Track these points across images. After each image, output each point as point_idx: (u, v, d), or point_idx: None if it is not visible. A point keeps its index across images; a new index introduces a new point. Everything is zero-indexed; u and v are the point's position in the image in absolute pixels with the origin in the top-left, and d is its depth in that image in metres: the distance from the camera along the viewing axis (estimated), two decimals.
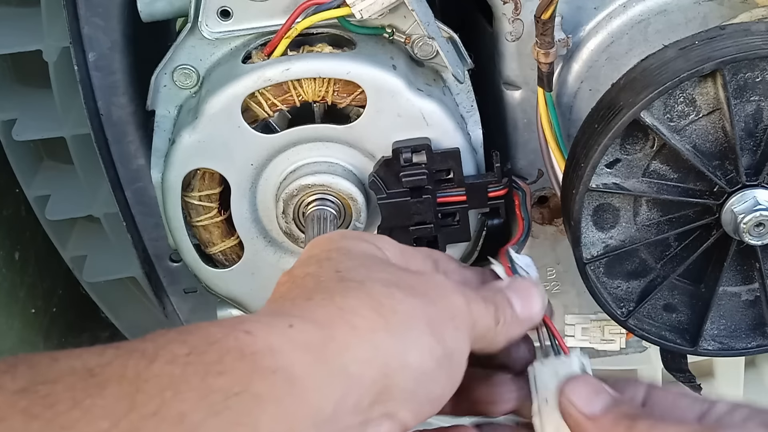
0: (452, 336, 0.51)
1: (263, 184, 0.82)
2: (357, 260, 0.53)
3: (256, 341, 0.44)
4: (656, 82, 0.67)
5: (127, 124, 0.89)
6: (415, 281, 0.53)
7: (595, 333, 0.89)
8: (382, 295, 0.50)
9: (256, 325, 0.45)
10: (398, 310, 0.49)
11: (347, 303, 0.49)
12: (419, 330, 0.49)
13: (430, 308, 0.51)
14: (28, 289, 1.11)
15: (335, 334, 0.46)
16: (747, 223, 0.69)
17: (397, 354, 0.48)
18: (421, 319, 0.50)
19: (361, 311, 0.48)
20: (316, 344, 0.45)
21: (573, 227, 0.73)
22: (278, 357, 0.44)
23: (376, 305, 0.49)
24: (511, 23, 0.80)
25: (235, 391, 0.42)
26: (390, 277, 0.52)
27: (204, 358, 0.42)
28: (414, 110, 0.78)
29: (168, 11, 0.82)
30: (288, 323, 0.46)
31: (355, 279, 0.51)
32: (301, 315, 0.47)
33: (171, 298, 1.02)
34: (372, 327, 0.48)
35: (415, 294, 0.51)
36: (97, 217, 1.02)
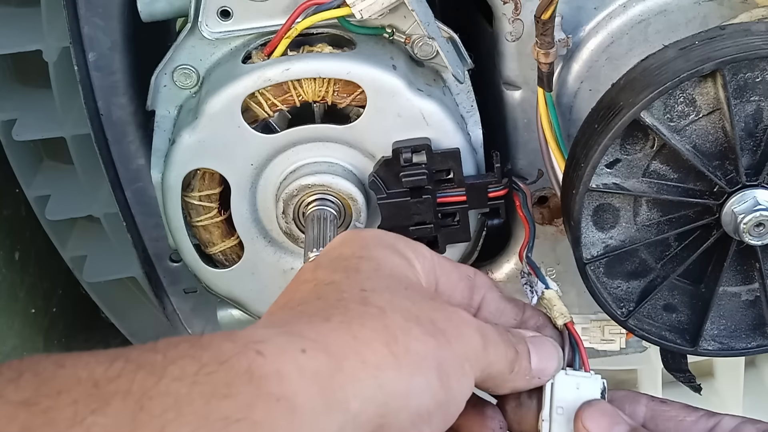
0: (458, 381, 0.51)
1: (263, 184, 0.82)
2: (384, 280, 0.53)
3: (266, 364, 0.44)
4: (656, 82, 0.67)
5: (127, 124, 0.89)
6: (437, 315, 0.52)
7: (595, 333, 0.89)
8: (399, 329, 0.50)
9: (269, 346, 0.45)
10: (411, 350, 0.49)
11: (363, 333, 0.49)
12: (427, 374, 0.49)
13: (444, 351, 0.51)
14: (28, 289, 1.11)
15: (344, 366, 0.47)
16: (747, 223, 0.69)
17: (400, 395, 0.48)
18: (431, 362, 0.50)
19: (375, 345, 0.48)
20: (324, 375, 0.46)
21: (573, 227, 0.73)
22: (285, 385, 0.44)
23: (391, 341, 0.49)
24: (511, 23, 0.80)
25: (237, 417, 0.42)
26: (412, 307, 0.52)
27: (212, 378, 0.42)
28: (414, 110, 0.78)
29: (168, 11, 0.82)
30: (301, 347, 0.46)
31: (377, 305, 0.51)
32: (316, 339, 0.47)
33: (171, 298, 1.02)
34: (381, 364, 0.48)
35: (433, 332, 0.51)
36: (97, 217, 1.02)
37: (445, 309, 0.54)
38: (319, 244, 0.76)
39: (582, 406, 0.57)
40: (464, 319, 0.54)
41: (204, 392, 0.42)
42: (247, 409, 0.42)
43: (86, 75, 0.85)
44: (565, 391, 0.58)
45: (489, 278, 0.63)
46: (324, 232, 0.78)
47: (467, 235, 0.83)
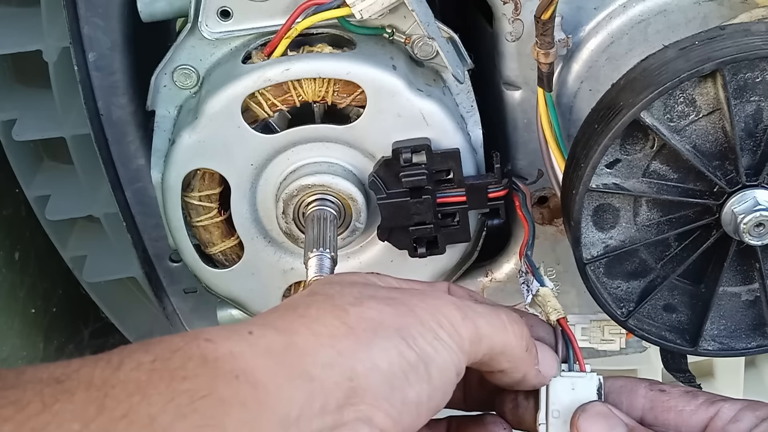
0: (430, 344, 0.50)
1: (263, 184, 0.82)
2: (339, 284, 0.54)
3: (217, 348, 0.45)
4: (656, 83, 0.67)
5: (127, 124, 0.89)
6: (399, 294, 0.53)
7: (595, 333, 0.89)
8: (349, 304, 0.50)
9: (216, 333, 0.46)
10: (365, 317, 0.49)
11: (309, 312, 0.49)
12: (387, 335, 0.49)
13: (405, 318, 0.51)
14: (28, 289, 1.11)
15: (296, 340, 0.47)
16: (747, 223, 0.69)
17: (363, 357, 0.48)
18: (390, 325, 0.50)
19: (324, 319, 0.49)
20: (277, 349, 0.46)
21: (573, 227, 0.73)
22: (239, 362, 0.45)
23: (341, 313, 0.49)
24: (511, 23, 0.80)
25: (201, 394, 0.42)
26: (367, 291, 0.52)
27: (168, 364, 0.43)
28: (414, 110, 0.78)
29: (168, 11, 0.82)
30: (247, 330, 0.47)
31: (325, 293, 0.51)
32: (262, 323, 0.48)
33: (171, 298, 1.02)
34: (334, 333, 0.48)
35: (392, 303, 0.51)
36: (97, 217, 1.01)
37: (414, 292, 0.54)
38: (319, 244, 0.76)
39: (577, 411, 0.57)
40: (436, 296, 0.54)
41: (163, 376, 0.42)
42: (209, 387, 0.43)
43: (86, 75, 0.85)
44: (560, 393, 0.58)
45: (463, 288, 0.63)
46: (324, 232, 0.78)
47: (467, 235, 0.83)
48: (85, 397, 0.41)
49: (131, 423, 0.40)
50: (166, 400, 0.41)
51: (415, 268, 0.87)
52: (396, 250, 0.83)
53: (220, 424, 0.42)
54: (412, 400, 0.49)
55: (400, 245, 0.83)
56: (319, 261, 0.74)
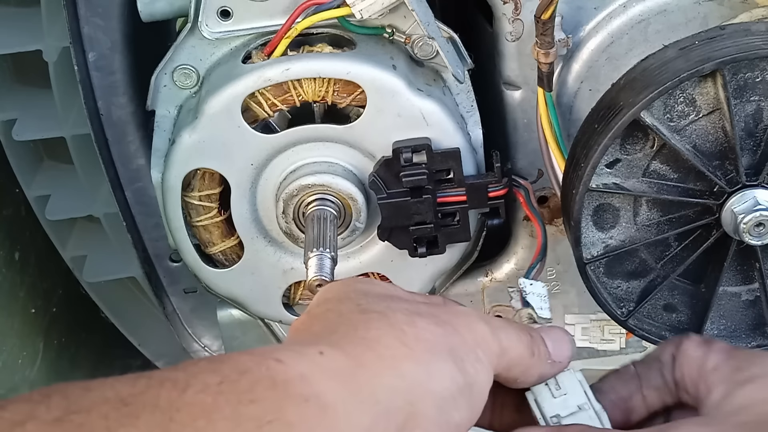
0: (473, 366, 0.51)
1: (263, 184, 0.82)
2: (376, 296, 0.54)
3: (287, 369, 0.44)
4: (656, 82, 0.67)
5: (127, 124, 0.89)
6: (438, 311, 0.53)
7: (595, 333, 0.89)
8: (404, 323, 0.50)
9: (286, 354, 0.46)
10: (421, 338, 0.50)
11: (371, 334, 0.49)
12: (442, 358, 0.50)
13: (453, 337, 0.51)
14: (28, 289, 1.11)
15: (363, 362, 0.47)
16: (747, 223, 0.69)
17: (422, 382, 0.48)
18: (444, 348, 0.50)
19: (386, 340, 0.49)
20: (347, 372, 0.46)
21: (573, 227, 0.73)
22: (310, 385, 0.44)
23: (400, 334, 0.49)
24: (511, 23, 0.80)
25: (268, 419, 0.42)
26: (410, 307, 0.52)
27: (236, 386, 0.43)
28: (414, 110, 0.78)
29: (168, 11, 0.82)
30: (318, 351, 0.46)
31: (376, 310, 0.51)
32: (329, 344, 0.48)
33: (171, 298, 1.02)
34: (397, 355, 0.48)
35: (438, 322, 0.51)
36: (97, 217, 1.01)
37: (443, 304, 0.55)
38: (319, 244, 0.76)
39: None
40: (465, 311, 0.55)
41: (230, 400, 0.42)
42: (277, 411, 0.42)
43: (86, 75, 0.85)
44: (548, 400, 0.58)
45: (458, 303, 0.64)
46: (324, 232, 0.78)
47: (467, 234, 0.83)
48: (151, 420, 0.40)
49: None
50: (232, 425, 0.41)
51: (416, 268, 0.87)
52: (396, 250, 0.83)
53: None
54: (456, 422, 0.50)
55: (400, 245, 0.83)
56: (319, 261, 0.74)
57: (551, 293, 0.93)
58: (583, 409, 0.58)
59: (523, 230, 0.92)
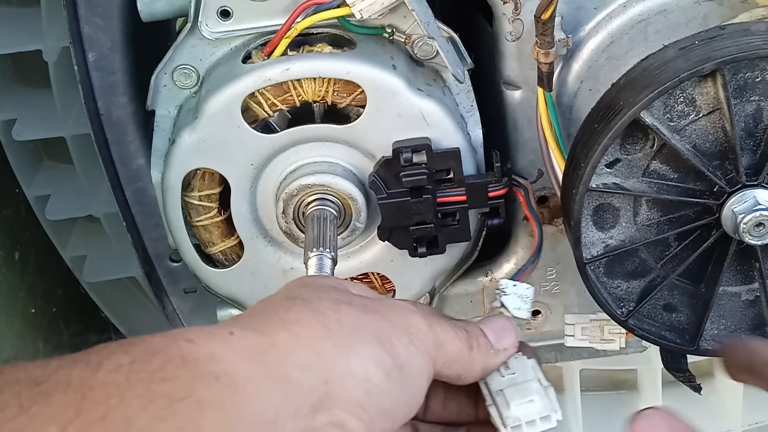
0: (406, 349, 0.51)
1: (263, 184, 0.82)
2: (313, 288, 0.54)
3: (198, 349, 0.45)
4: (656, 82, 0.67)
5: (127, 124, 0.89)
6: (371, 302, 0.53)
7: (595, 333, 0.89)
8: (327, 308, 0.50)
9: (197, 334, 0.46)
10: (343, 322, 0.50)
11: (289, 315, 0.49)
12: (365, 339, 0.49)
13: (381, 323, 0.51)
14: (28, 289, 1.11)
15: (276, 341, 0.47)
16: (747, 223, 0.69)
17: (340, 361, 0.48)
18: (368, 331, 0.50)
19: (304, 321, 0.49)
20: (258, 351, 0.46)
21: (573, 227, 0.73)
22: (220, 363, 0.45)
23: (320, 317, 0.49)
24: (511, 23, 0.80)
25: (179, 396, 0.42)
26: (341, 297, 0.52)
27: (147, 366, 0.43)
28: (414, 110, 0.78)
29: (168, 11, 0.82)
30: (228, 331, 0.47)
31: (303, 297, 0.52)
32: (243, 325, 0.48)
33: (171, 298, 1.02)
34: (314, 335, 0.48)
35: (367, 310, 0.51)
36: (97, 217, 1.02)
37: (382, 299, 0.55)
38: (319, 243, 0.76)
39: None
40: (401, 304, 0.55)
41: (142, 378, 0.42)
42: (189, 389, 0.43)
43: (86, 75, 0.85)
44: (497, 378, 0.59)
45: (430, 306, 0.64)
46: (324, 232, 0.78)
47: (467, 234, 0.83)
48: (63, 399, 0.41)
49: (108, 426, 0.40)
50: (144, 402, 0.41)
51: (416, 268, 0.87)
52: (396, 250, 0.83)
53: (198, 427, 0.42)
54: (387, 406, 0.49)
55: (400, 245, 0.83)
56: (319, 261, 0.74)
57: (551, 293, 0.94)
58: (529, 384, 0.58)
59: (523, 230, 0.92)
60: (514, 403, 0.57)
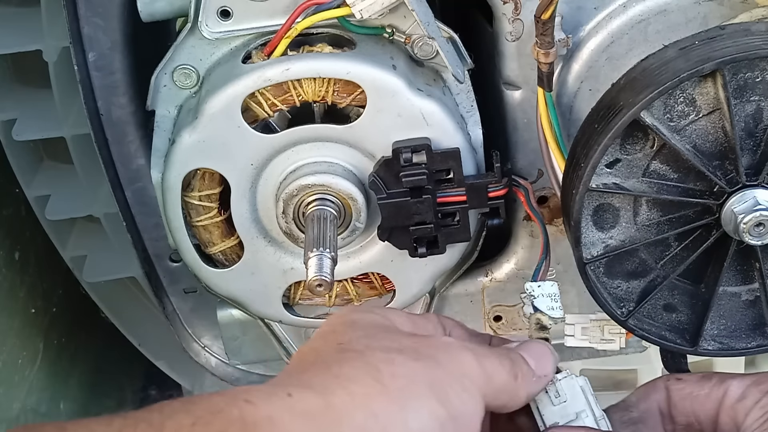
0: (459, 397, 0.51)
1: (263, 184, 0.82)
2: (361, 331, 0.54)
3: (257, 411, 0.45)
4: (656, 82, 0.67)
5: (127, 124, 0.89)
6: (421, 345, 0.53)
7: (595, 333, 0.89)
8: (380, 361, 0.50)
9: (256, 395, 0.46)
10: (398, 375, 0.49)
11: (343, 372, 0.49)
12: (420, 393, 0.49)
13: (434, 371, 0.51)
14: (28, 289, 1.11)
15: (333, 402, 0.47)
16: (747, 223, 0.69)
17: (396, 419, 0.47)
18: (422, 382, 0.50)
19: (358, 378, 0.48)
20: (315, 413, 0.46)
21: (573, 227, 0.73)
22: (278, 426, 0.45)
23: (374, 371, 0.49)
24: (511, 23, 0.80)
25: None
26: (392, 344, 0.52)
27: (209, 428, 0.43)
28: (414, 110, 0.78)
29: (168, 11, 0.82)
30: (287, 392, 0.47)
31: (355, 349, 0.51)
32: (300, 384, 0.48)
33: (171, 298, 1.02)
34: (369, 393, 0.48)
35: (419, 357, 0.51)
36: (97, 217, 1.02)
37: (428, 338, 0.55)
38: (319, 243, 0.76)
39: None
40: (448, 342, 0.55)
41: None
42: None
43: (86, 75, 0.85)
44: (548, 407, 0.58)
45: (451, 318, 0.64)
46: (324, 232, 0.78)
47: (467, 234, 0.83)
48: None
49: None
50: None
51: (416, 268, 0.87)
52: (396, 250, 0.83)
53: None
54: None
55: (400, 245, 0.83)
56: (319, 261, 0.74)
57: None
58: (581, 417, 0.58)
59: (523, 230, 0.92)
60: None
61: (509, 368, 0.56)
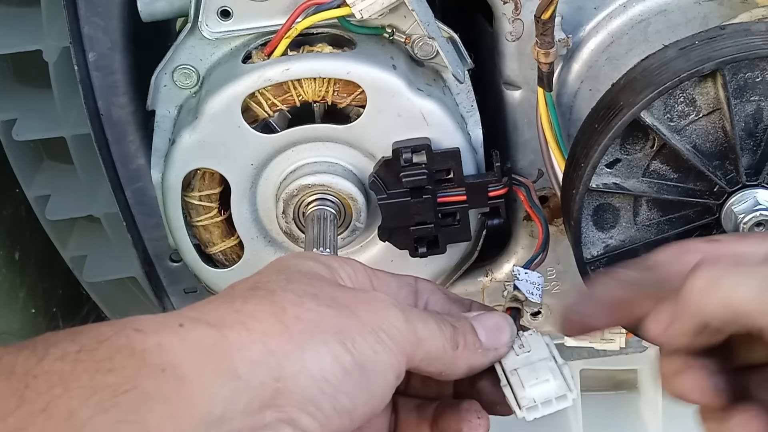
0: (370, 347, 0.49)
1: (263, 184, 0.82)
2: (285, 274, 0.52)
3: (146, 339, 0.44)
4: (656, 82, 0.67)
5: (127, 124, 0.89)
6: (344, 296, 0.51)
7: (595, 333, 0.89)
8: (288, 302, 0.49)
9: (147, 324, 0.45)
10: (302, 318, 0.48)
11: (246, 307, 0.48)
12: (323, 336, 0.48)
13: (346, 320, 0.49)
14: (28, 289, 1.11)
15: (227, 335, 0.46)
16: (747, 223, 0.69)
17: (293, 359, 0.47)
18: (328, 327, 0.48)
19: (259, 315, 0.47)
20: (207, 344, 0.45)
21: (573, 227, 0.73)
22: (167, 355, 0.44)
23: (278, 311, 0.48)
24: (511, 23, 0.80)
25: (125, 388, 0.42)
26: (310, 289, 0.51)
27: (94, 355, 0.42)
28: (414, 110, 0.78)
29: (168, 11, 0.82)
30: (178, 322, 0.46)
31: (267, 288, 0.50)
32: (195, 316, 0.47)
33: (171, 298, 1.02)
34: (267, 331, 0.47)
35: (334, 305, 0.50)
36: (97, 217, 1.01)
37: (358, 292, 0.53)
38: (319, 244, 0.76)
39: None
40: (378, 297, 0.53)
41: (87, 368, 0.42)
42: (134, 380, 0.42)
43: (86, 75, 0.85)
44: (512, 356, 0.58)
45: (432, 282, 0.62)
46: (324, 232, 0.78)
47: (467, 234, 0.83)
48: (6, 388, 0.40)
49: (50, 417, 0.40)
50: (88, 393, 0.41)
51: (416, 268, 0.87)
52: (396, 250, 0.83)
53: (141, 419, 0.41)
54: (344, 405, 0.48)
55: (400, 245, 0.83)
56: None
57: (551, 293, 0.94)
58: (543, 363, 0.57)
59: (523, 230, 0.92)
60: (529, 383, 0.56)
61: (449, 335, 0.54)
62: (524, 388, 0.56)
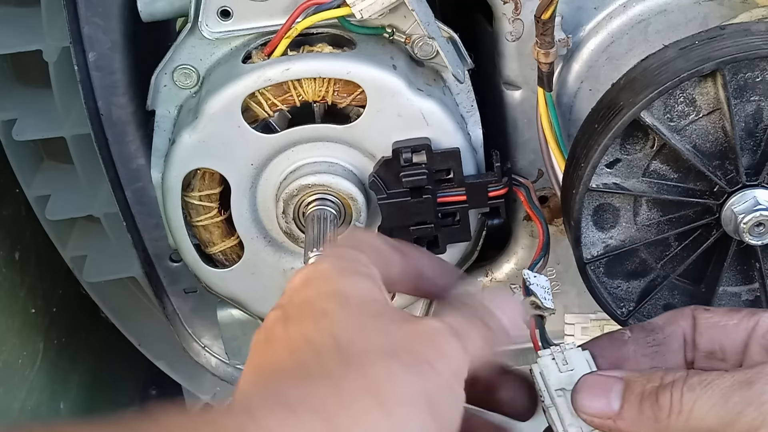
0: (450, 406, 0.50)
1: (263, 184, 0.82)
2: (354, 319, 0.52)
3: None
4: (656, 82, 0.67)
5: (127, 124, 0.89)
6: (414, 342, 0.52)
7: (595, 333, 0.89)
8: (381, 377, 0.49)
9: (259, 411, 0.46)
10: (397, 394, 0.49)
11: (347, 388, 0.48)
12: (418, 413, 0.49)
13: (430, 382, 0.50)
14: (28, 289, 1.11)
15: (338, 426, 0.46)
16: (747, 223, 0.69)
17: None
18: (419, 400, 0.49)
19: (361, 398, 0.48)
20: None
21: (573, 227, 0.73)
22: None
23: (375, 390, 0.49)
24: (511, 23, 0.80)
25: None
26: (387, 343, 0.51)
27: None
28: (414, 110, 0.78)
29: (168, 11, 0.82)
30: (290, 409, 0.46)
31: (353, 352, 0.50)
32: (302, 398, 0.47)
33: (171, 298, 1.02)
34: (372, 419, 0.48)
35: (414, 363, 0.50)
36: (97, 217, 1.01)
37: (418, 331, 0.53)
38: (319, 243, 0.76)
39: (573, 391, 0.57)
40: (437, 330, 0.53)
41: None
42: None
43: (86, 75, 0.85)
44: (554, 373, 0.58)
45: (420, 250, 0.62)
46: (324, 232, 0.78)
47: (467, 234, 0.83)
48: None
49: None
50: None
51: None
52: None
53: None
54: None
55: None
56: None
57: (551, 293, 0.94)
58: None
59: (523, 230, 0.92)
60: None
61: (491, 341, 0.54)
62: (572, 416, 0.56)
